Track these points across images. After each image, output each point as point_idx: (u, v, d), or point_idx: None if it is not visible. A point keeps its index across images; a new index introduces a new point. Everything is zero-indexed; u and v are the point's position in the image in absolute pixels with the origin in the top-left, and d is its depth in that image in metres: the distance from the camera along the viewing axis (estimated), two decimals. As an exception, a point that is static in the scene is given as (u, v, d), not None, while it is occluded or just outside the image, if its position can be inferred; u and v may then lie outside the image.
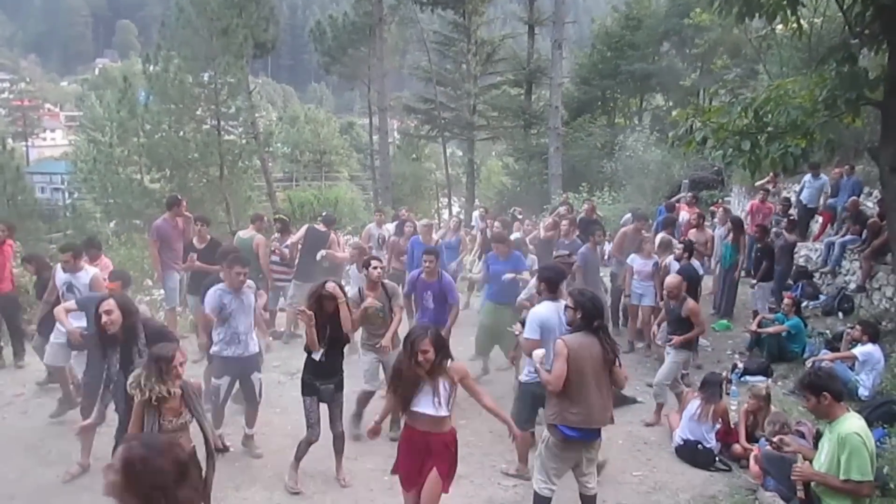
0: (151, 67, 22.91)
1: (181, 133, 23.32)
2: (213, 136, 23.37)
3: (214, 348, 6.76)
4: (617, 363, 5.19)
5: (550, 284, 6.27)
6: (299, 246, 10.47)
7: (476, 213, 15.65)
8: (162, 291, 10.59)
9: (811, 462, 4.92)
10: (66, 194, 39.92)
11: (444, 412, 4.74)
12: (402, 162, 37.73)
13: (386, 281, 7.32)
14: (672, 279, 7.92)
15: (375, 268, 7.13)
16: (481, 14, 30.68)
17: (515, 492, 6.23)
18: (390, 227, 12.70)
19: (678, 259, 9.59)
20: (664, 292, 8.09)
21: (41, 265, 8.77)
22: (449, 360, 4.82)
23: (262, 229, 10.63)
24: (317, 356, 6.05)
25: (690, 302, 7.76)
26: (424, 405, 4.72)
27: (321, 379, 6.10)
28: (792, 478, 4.92)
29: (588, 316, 5.13)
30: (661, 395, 7.73)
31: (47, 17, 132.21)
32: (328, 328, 6.05)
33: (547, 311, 6.04)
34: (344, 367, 6.32)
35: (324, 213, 11.37)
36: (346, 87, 39.78)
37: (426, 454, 4.81)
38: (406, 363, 4.75)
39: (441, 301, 7.79)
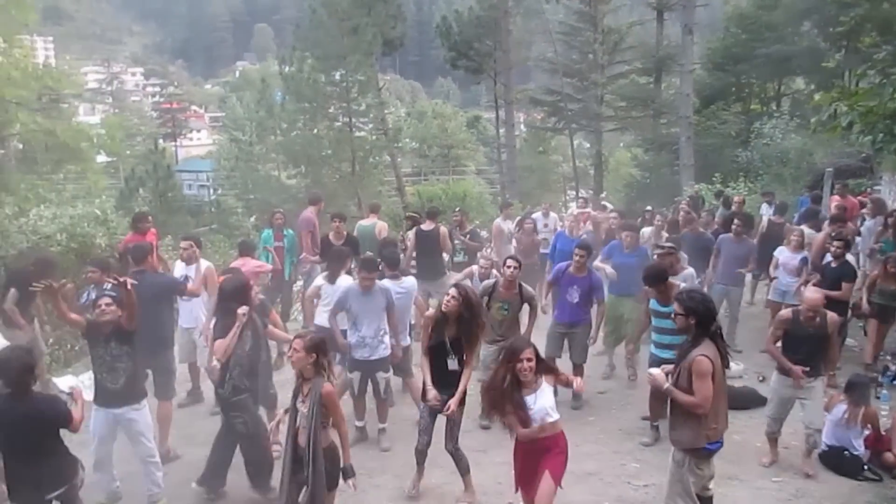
0: (287, 68, 23.95)
1: (315, 130, 24.30)
2: (344, 132, 24.15)
3: (351, 343, 6.99)
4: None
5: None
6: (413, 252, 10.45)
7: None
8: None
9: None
10: (211, 191, 42.22)
11: (554, 416, 4.84)
12: (528, 155, 37.54)
13: (524, 283, 7.28)
14: (815, 296, 6.44)
15: (510, 267, 7.18)
16: (608, 2, 30.03)
17: (646, 492, 6.11)
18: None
19: (835, 256, 8.51)
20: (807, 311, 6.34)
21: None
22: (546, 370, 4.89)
23: (380, 217, 10.89)
24: (452, 363, 5.85)
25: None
26: (535, 414, 4.79)
27: (438, 388, 5.85)
28: None
29: (705, 321, 4.79)
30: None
31: (192, 24, 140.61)
32: (449, 338, 5.84)
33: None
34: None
35: (427, 210, 11.32)
36: (472, 82, 39.72)
37: (539, 458, 4.90)
38: (503, 372, 4.80)
39: (586, 297, 7.80)
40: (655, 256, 7.98)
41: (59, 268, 9.88)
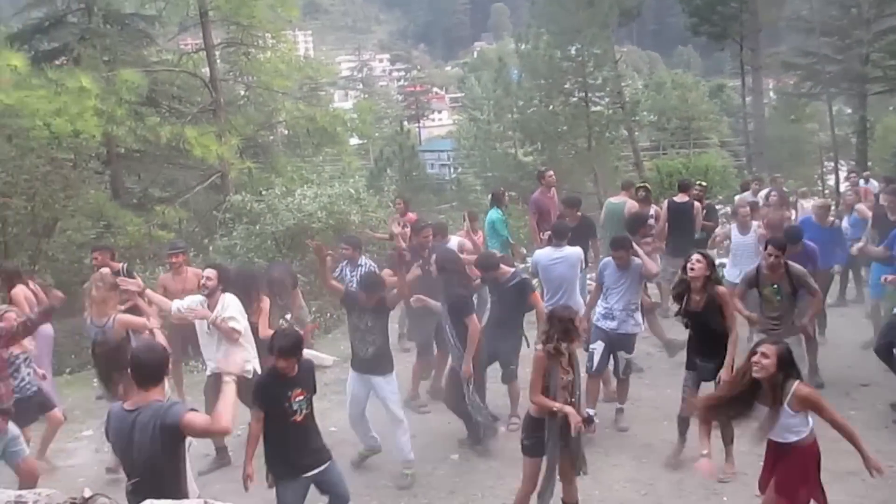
0: (522, 46, 24.35)
1: (550, 107, 24.47)
2: (580, 108, 24.07)
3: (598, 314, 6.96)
4: None
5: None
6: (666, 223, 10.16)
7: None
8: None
9: None
10: (451, 169, 43.99)
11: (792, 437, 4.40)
12: (778, 124, 34.73)
13: (791, 263, 6.65)
14: None
15: (770, 255, 6.56)
16: (875, -53, 26.83)
17: (920, 496, 5.50)
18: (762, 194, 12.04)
19: None
20: None
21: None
22: (793, 383, 4.27)
23: (633, 196, 10.61)
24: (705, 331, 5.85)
25: None
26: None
27: (699, 356, 5.89)
28: None
29: None
30: None
31: (432, 9, 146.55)
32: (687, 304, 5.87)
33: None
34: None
35: (680, 182, 10.97)
36: (714, 48, 37.54)
37: (777, 461, 4.52)
38: (743, 369, 4.40)
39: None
40: None
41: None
